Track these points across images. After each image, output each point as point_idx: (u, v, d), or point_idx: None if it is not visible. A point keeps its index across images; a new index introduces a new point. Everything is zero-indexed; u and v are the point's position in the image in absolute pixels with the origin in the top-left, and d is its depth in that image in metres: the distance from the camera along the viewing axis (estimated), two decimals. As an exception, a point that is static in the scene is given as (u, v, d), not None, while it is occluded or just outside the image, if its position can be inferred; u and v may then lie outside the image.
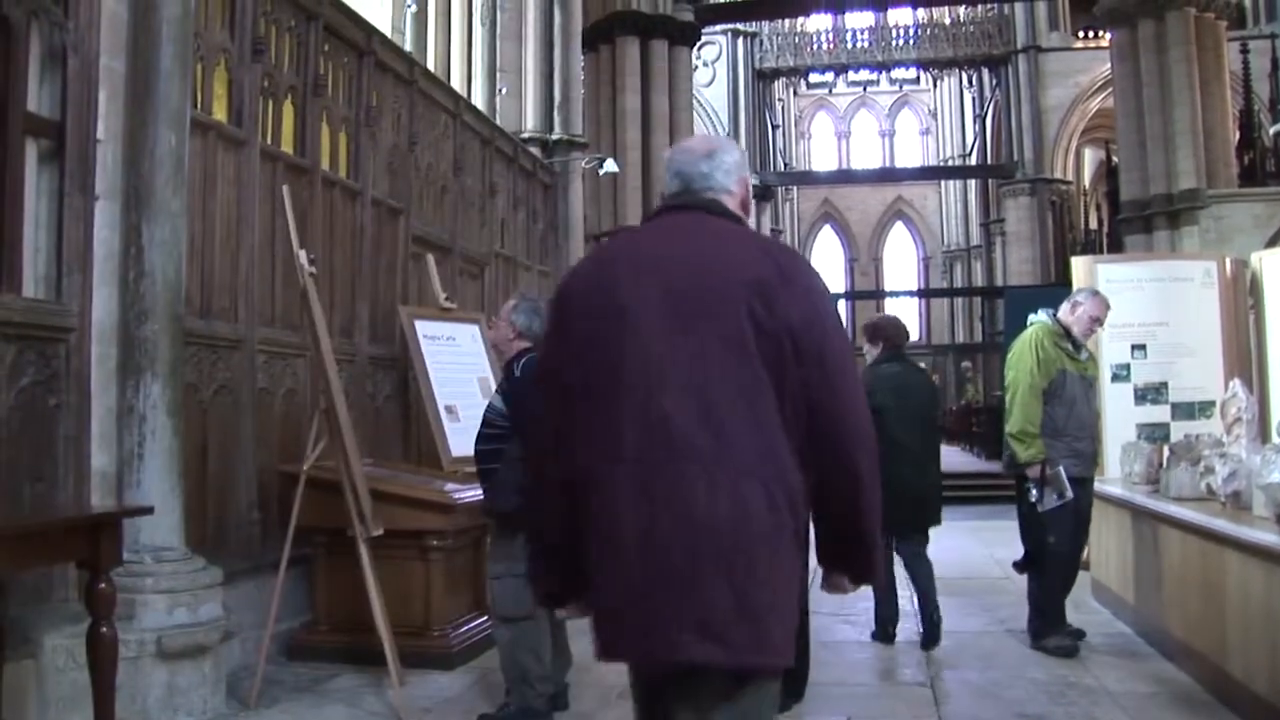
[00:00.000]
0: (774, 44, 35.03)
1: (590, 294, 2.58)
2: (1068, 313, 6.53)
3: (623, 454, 2.41)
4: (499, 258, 10.23)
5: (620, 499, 2.40)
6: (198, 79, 5.71)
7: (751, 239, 2.70)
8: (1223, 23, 19.51)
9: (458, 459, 6.89)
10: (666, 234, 2.64)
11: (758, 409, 2.41)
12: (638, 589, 2.37)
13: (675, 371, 2.42)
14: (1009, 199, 33.19)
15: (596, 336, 2.51)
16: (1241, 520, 5.25)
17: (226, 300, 5.98)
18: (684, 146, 2.83)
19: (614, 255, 2.76)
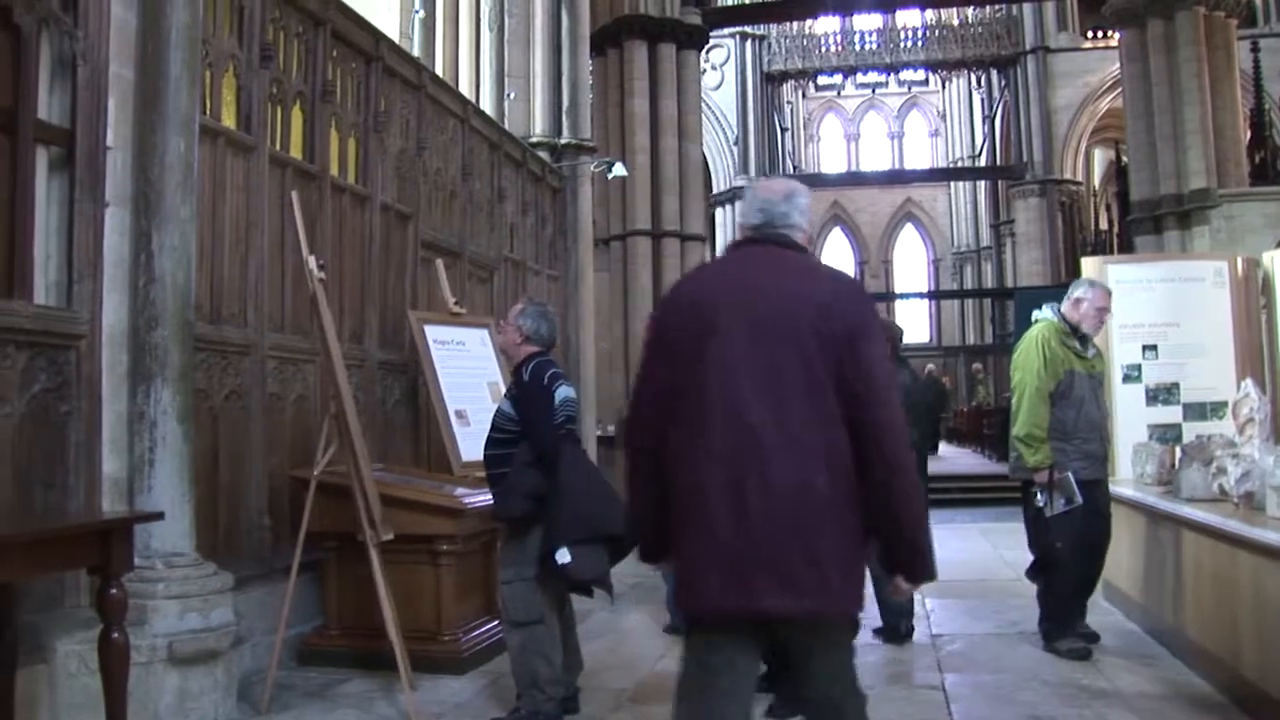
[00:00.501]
0: (782, 47, 35.04)
1: (685, 313, 3.24)
2: (1072, 310, 6.46)
3: (711, 442, 3.02)
4: (508, 262, 10.24)
5: (708, 478, 3.00)
6: (206, 85, 5.72)
7: (816, 269, 3.37)
8: (1233, 21, 19.48)
9: (468, 463, 6.89)
10: (749, 265, 3.29)
11: (818, 407, 3.00)
12: (725, 554, 2.95)
13: (754, 378, 3.04)
14: (1018, 200, 33.19)
15: (690, 349, 3.13)
16: (1255, 521, 5.23)
17: (236, 306, 5.99)
18: (766, 186, 3.48)
19: (706, 281, 3.46)
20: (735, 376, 3.06)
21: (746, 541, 2.93)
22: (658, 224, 18.61)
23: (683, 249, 18.88)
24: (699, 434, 3.05)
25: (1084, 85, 32.27)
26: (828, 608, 2.97)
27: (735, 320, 3.11)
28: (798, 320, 3.06)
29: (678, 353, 3.17)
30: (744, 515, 2.94)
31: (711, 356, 3.09)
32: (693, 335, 3.15)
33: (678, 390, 3.14)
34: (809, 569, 2.91)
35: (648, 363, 3.31)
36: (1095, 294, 6.47)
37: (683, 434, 3.10)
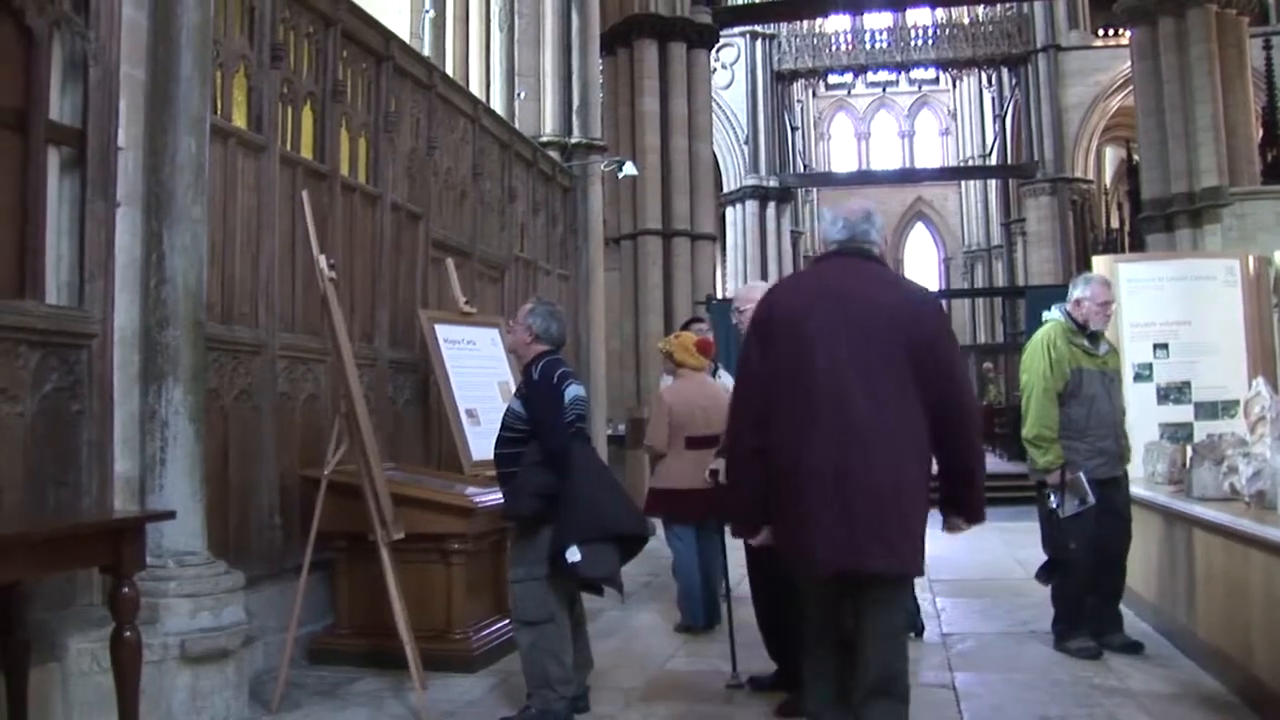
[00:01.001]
0: (792, 45, 35.02)
1: (787, 316, 3.88)
2: (1075, 309, 6.44)
3: (819, 429, 3.69)
4: (518, 261, 10.25)
5: (819, 459, 3.68)
6: (217, 86, 5.74)
7: (898, 279, 4.17)
8: (1244, 19, 19.42)
9: (478, 463, 6.90)
10: (842, 273, 3.98)
11: (907, 399, 3.75)
12: (834, 522, 3.66)
13: (855, 375, 3.71)
14: (1029, 199, 33.14)
15: (795, 347, 3.79)
16: (1266, 520, 5.22)
17: (247, 305, 6.01)
18: (848, 207, 4.09)
19: (806, 286, 4.17)
20: (840, 373, 3.72)
21: (856, 515, 3.66)
22: (668, 223, 18.59)
23: (693, 248, 18.87)
24: (809, 423, 3.72)
25: (1095, 83, 32.20)
26: (913, 569, 3.85)
27: (835, 323, 3.78)
28: (889, 325, 3.78)
29: (782, 351, 3.83)
30: (854, 494, 3.66)
31: (817, 355, 3.75)
32: (797, 336, 3.81)
33: (783, 384, 3.81)
34: (903, 539, 3.74)
35: (752, 359, 3.95)
36: (1093, 290, 6.44)
37: (791, 422, 3.76)
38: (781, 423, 3.78)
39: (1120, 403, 6.51)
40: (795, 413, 3.75)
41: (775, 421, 3.80)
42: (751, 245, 32.61)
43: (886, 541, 3.70)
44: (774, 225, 33.40)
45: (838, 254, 4.05)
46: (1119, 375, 6.64)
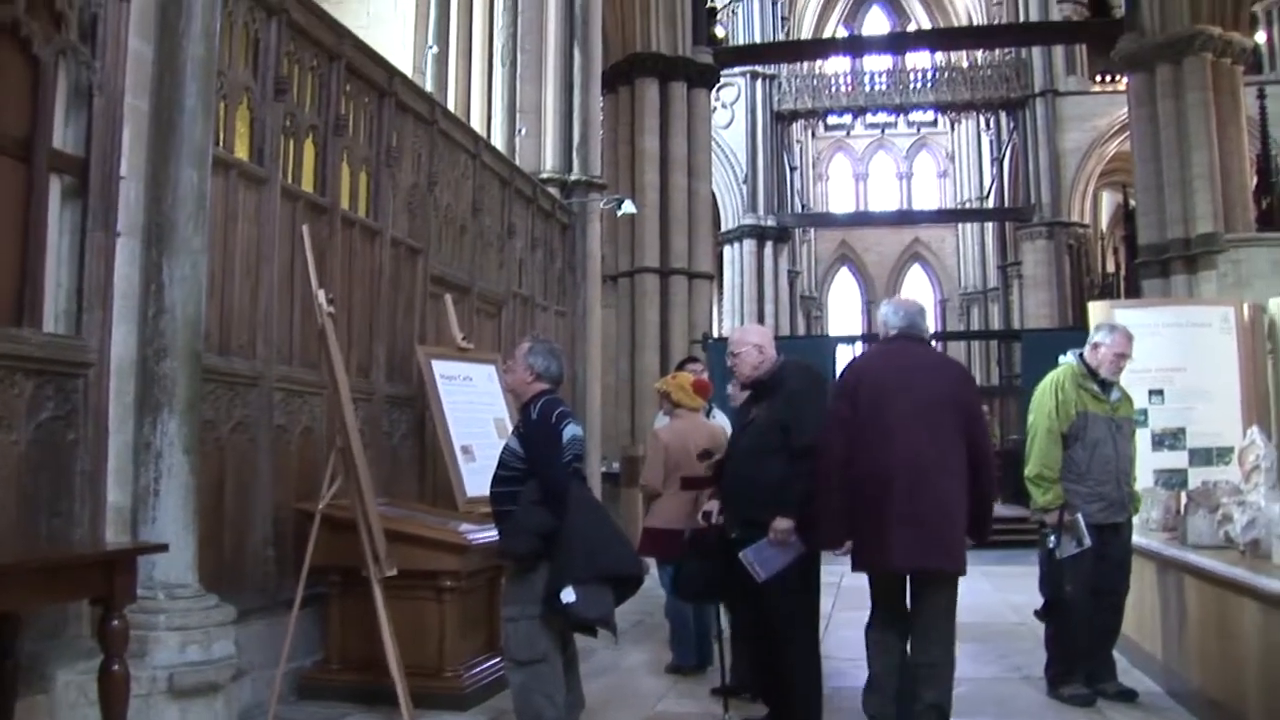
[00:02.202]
0: (792, 86, 35.16)
1: (872, 381, 5.37)
2: (1091, 354, 6.46)
3: (897, 467, 5.14)
4: (516, 297, 10.26)
5: (892, 487, 5.13)
6: (220, 117, 5.75)
7: (945, 359, 6.17)
8: (1239, 68, 19.51)
9: (473, 499, 6.90)
10: (907, 354, 5.51)
11: (958, 447, 5.25)
12: (910, 536, 5.10)
13: (923, 428, 5.20)
14: (1026, 242, 33.23)
15: (876, 404, 5.25)
16: (1260, 569, 5.22)
17: (245, 337, 6.01)
18: (905, 301, 5.85)
19: (882, 363, 5.58)
20: (913, 425, 5.19)
21: (925, 527, 5.12)
22: (666, 261, 18.65)
23: (690, 287, 18.92)
24: (883, 457, 5.16)
25: (1092, 128, 32.36)
26: (963, 568, 5.27)
27: (906, 387, 5.29)
28: (945, 390, 5.36)
29: (866, 406, 5.25)
30: (921, 510, 5.11)
31: (895, 411, 5.21)
32: (877, 397, 5.26)
33: (867, 430, 5.21)
34: (955, 545, 5.21)
35: (842, 411, 5.31)
36: (1115, 339, 6.45)
37: (875, 456, 5.18)
38: (865, 459, 5.19)
39: (1128, 450, 6.49)
40: (878, 451, 5.17)
41: (858, 459, 5.19)
42: (749, 284, 32.63)
43: (945, 546, 5.18)
44: (771, 265, 33.44)
45: (901, 338, 5.51)
46: (1130, 424, 6.62)
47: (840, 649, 7.25)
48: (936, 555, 5.16)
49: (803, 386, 5.70)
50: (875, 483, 5.15)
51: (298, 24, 6.49)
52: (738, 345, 5.89)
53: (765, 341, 5.92)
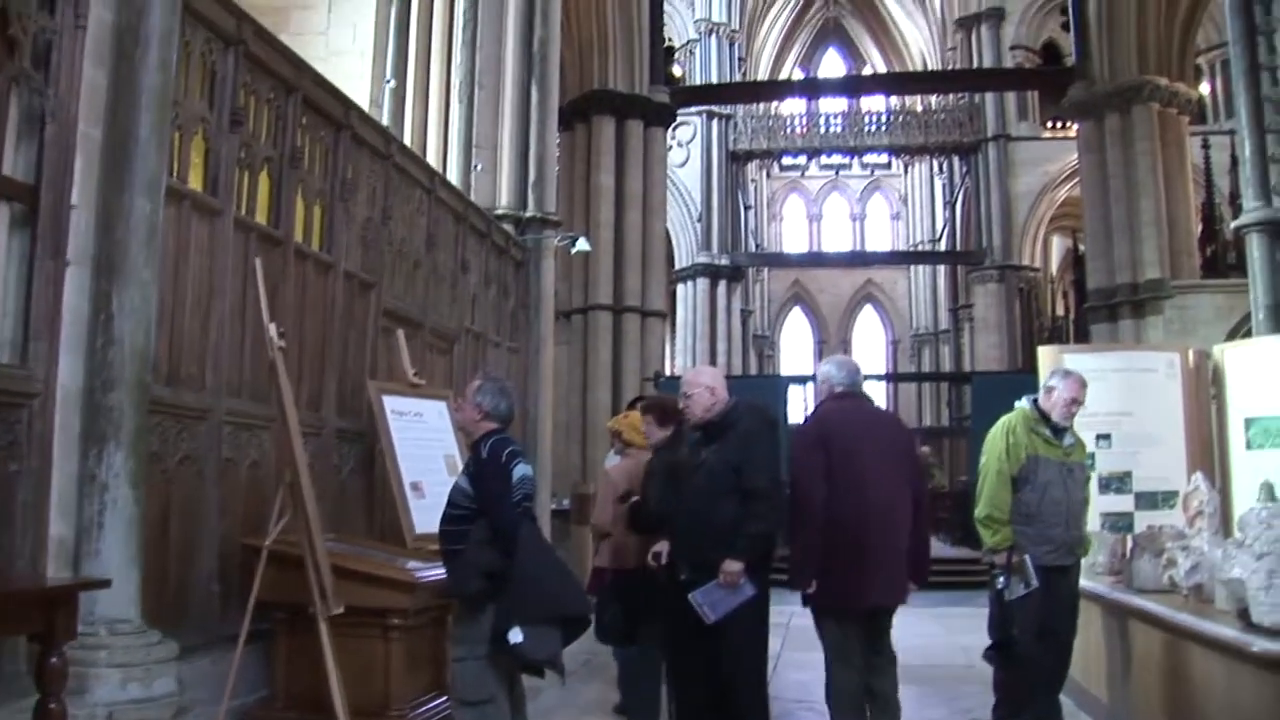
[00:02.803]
0: (748, 126, 35.36)
1: (839, 432, 5.84)
2: (1045, 398, 6.49)
3: (871, 513, 5.67)
4: (469, 333, 10.24)
5: (869, 532, 5.65)
6: (175, 147, 5.70)
7: (887, 412, 7.59)
8: (1185, 118, 19.91)
9: (421, 536, 6.84)
10: (861, 409, 6.13)
11: (906, 494, 5.84)
12: (875, 575, 5.65)
13: (884, 477, 5.78)
14: (977, 285, 33.52)
15: (845, 456, 5.71)
16: (1204, 614, 5.27)
17: (194, 369, 5.94)
18: (846, 360, 6.42)
19: (846, 415, 5.97)
20: (878, 474, 5.75)
21: (888, 567, 5.72)
22: (619, 299, 18.72)
23: (643, 325, 18.99)
24: (860, 504, 5.64)
25: (1043, 173, 32.74)
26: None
27: (870, 440, 5.87)
28: (897, 443, 6.09)
29: (839, 455, 5.70)
30: (889, 552, 5.71)
31: (863, 461, 5.73)
32: (849, 447, 5.75)
33: (837, 476, 5.65)
34: (905, 582, 5.86)
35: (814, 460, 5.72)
36: (1067, 385, 6.47)
37: (845, 502, 5.61)
38: (841, 505, 5.61)
39: (1079, 494, 6.48)
40: (854, 498, 5.64)
41: (833, 506, 5.61)
42: (702, 323, 32.70)
43: (902, 585, 5.84)
44: (724, 303, 33.54)
45: (849, 395, 6.05)
46: (1083, 469, 6.61)
47: (788, 690, 7.25)
48: (899, 592, 5.84)
49: (755, 428, 5.73)
50: (853, 527, 5.62)
51: (255, 56, 6.47)
52: (690, 386, 5.91)
53: (717, 383, 5.95)
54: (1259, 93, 11.24)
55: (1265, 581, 4.73)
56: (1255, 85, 11.29)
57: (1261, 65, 11.25)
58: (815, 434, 5.92)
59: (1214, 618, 5.14)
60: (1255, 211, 11.17)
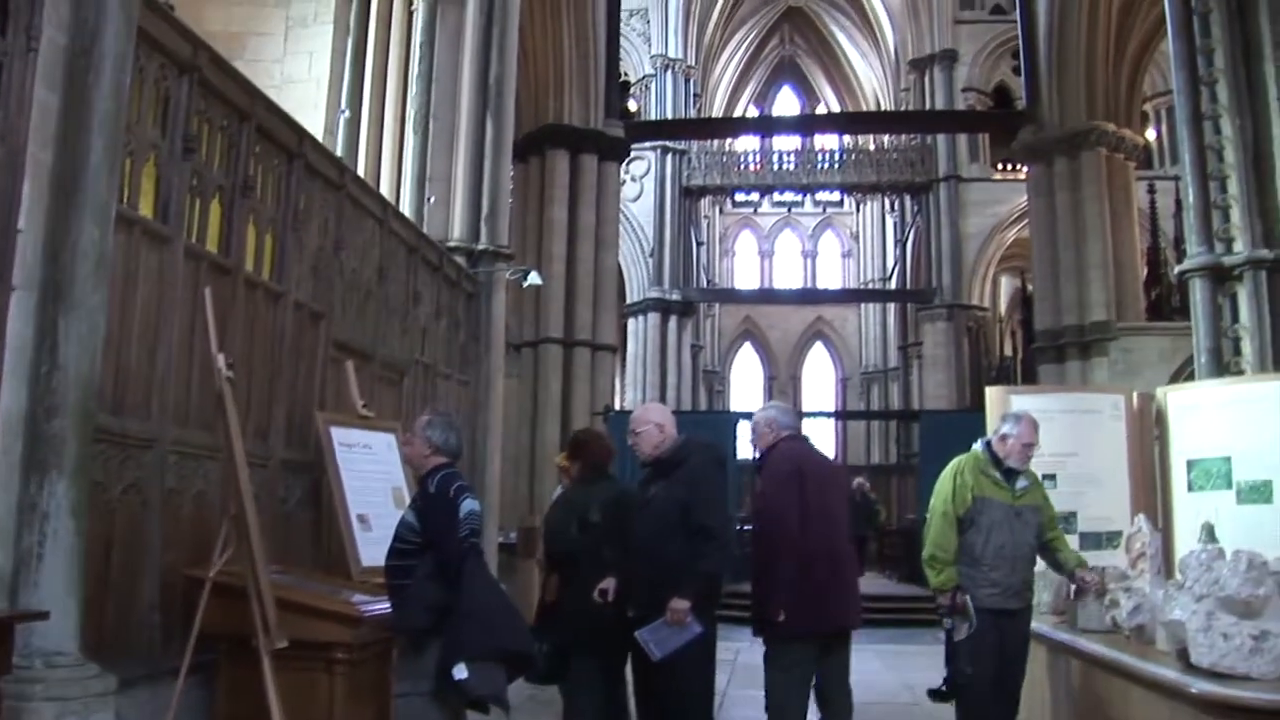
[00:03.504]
0: (702, 162, 35.52)
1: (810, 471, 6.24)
2: (999, 445, 6.50)
3: (839, 544, 6.25)
4: (419, 365, 10.20)
5: (836, 564, 6.16)
6: (126, 173, 5.65)
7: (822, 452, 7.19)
8: (1131, 163, 20.25)
9: (367, 569, 6.78)
10: (814, 450, 6.66)
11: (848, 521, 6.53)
12: (835, 601, 6.12)
13: (842, 511, 6.44)
14: (927, 323, 33.76)
15: (818, 490, 6.15)
16: (1146, 655, 5.34)
17: (140, 397, 5.87)
18: (787, 407, 7.08)
19: (809, 454, 6.50)
20: (839, 506, 6.40)
21: (851, 589, 6.40)
22: (570, 332, 18.75)
23: (594, 358, 19.03)
24: (831, 534, 6.18)
25: (993, 214, 33.03)
26: None
27: (828, 477, 6.44)
28: (841, 483, 6.89)
29: (813, 492, 6.10)
30: (850, 579, 6.45)
31: (829, 496, 6.26)
32: (819, 484, 6.20)
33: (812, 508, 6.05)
34: (859, 605, 6.43)
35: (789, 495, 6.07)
36: (1021, 430, 6.47)
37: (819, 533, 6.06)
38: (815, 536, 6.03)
39: (1027, 538, 6.45)
40: (828, 529, 6.14)
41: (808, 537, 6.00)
42: (652, 357, 32.73)
43: (857, 609, 6.38)
44: (675, 338, 33.59)
45: (797, 437, 6.47)
46: (1034, 512, 6.53)
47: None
48: (857, 615, 6.38)
49: (704, 467, 5.76)
50: (826, 556, 6.09)
51: (210, 83, 6.43)
52: (639, 424, 5.93)
53: (666, 420, 5.98)
54: (1202, 141, 11.48)
55: (1204, 623, 4.80)
56: (1199, 134, 11.52)
57: (1204, 115, 11.49)
58: (790, 470, 6.19)
59: (1155, 659, 5.20)
60: (1198, 257, 11.38)
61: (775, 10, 43.89)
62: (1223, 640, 4.73)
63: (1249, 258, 10.89)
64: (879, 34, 39.56)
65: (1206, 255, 11.28)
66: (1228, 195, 11.20)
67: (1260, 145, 11.02)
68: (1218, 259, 11.18)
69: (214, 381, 5.72)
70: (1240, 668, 4.66)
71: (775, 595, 5.98)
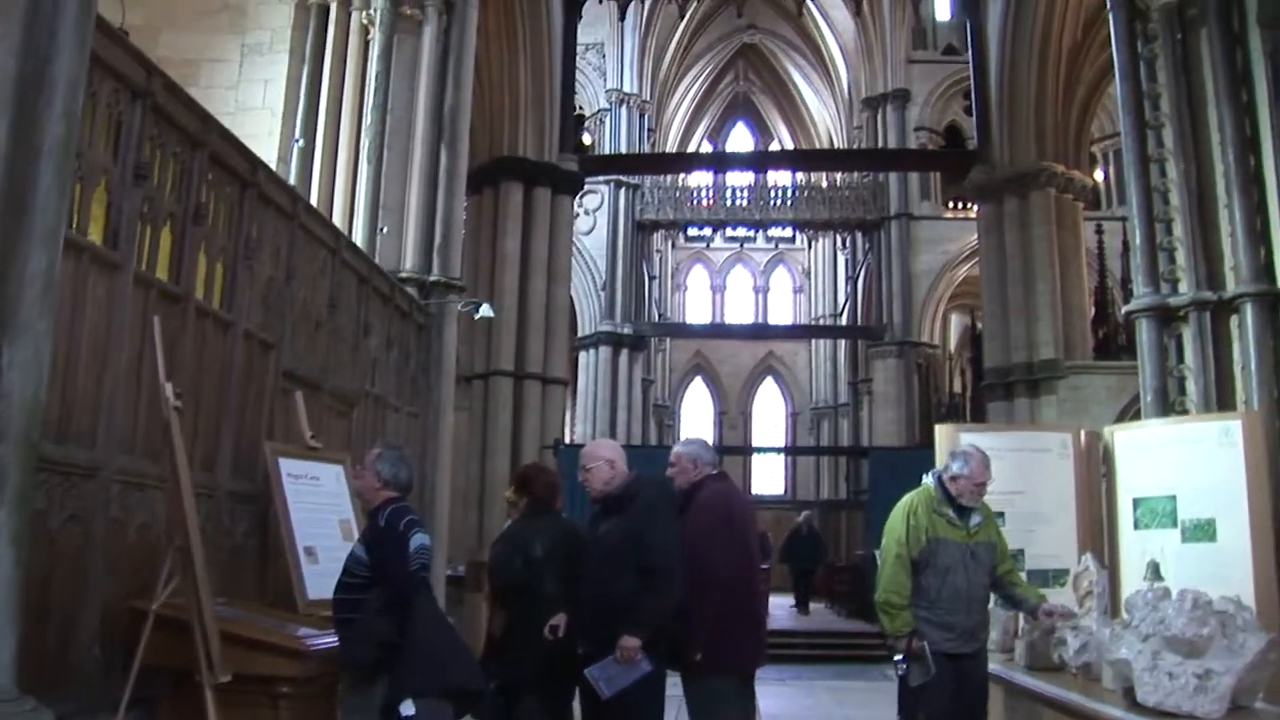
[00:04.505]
0: (655, 196, 35.58)
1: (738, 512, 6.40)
2: (950, 484, 6.36)
3: (756, 580, 6.37)
4: (369, 396, 10.14)
5: (754, 603, 6.39)
6: (76, 199, 5.59)
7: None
8: (1080, 204, 20.54)
9: (314, 602, 6.72)
10: (735, 489, 6.82)
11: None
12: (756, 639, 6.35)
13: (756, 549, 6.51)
14: (877, 360, 33.92)
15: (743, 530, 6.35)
16: (1092, 693, 5.37)
17: (86, 425, 5.78)
18: (708, 444, 6.71)
19: (736, 494, 6.73)
20: (754, 544, 6.50)
21: (763, 630, 6.66)
22: (521, 365, 18.72)
23: (544, 392, 19.00)
24: (752, 573, 6.32)
25: (944, 252, 33.27)
26: None
27: (748, 518, 6.58)
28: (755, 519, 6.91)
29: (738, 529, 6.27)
30: (761, 616, 6.72)
31: (749, 533, 6.43)
32: (743, 524, 6.39)
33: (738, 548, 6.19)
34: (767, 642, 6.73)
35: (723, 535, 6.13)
36: (973, 469, 6.33)
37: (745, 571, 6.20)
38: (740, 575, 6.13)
39: (982, 578, 6.35)
40: (750, 568, 6.28)
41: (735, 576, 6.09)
42: (603, 391, 32.69)
43: (767, 645, 6.65)
44: (626, 372, 33.57)
45: (722, 476, 6.51)
46: (989, 550, 6.42)
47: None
48: (766, 651, 6.65)
49: (655, 504, 5.75)
50: (750, 594, 6.26)
51: (163, 109, 6.38)
52: (589, 460, 5.93)
53: (617, 457, 5.98)
54: (1149, 184, 11.67)
55: (1150, 663, 4.83)
56: (1145, 176, 11.71)
57: (1151, 158, 11.69)
58: (724, 512, 6.21)
59: (1101, 697, 5.23)
60: (1145, 298, 11.53)
61: (731, 47, 44.17)
62: (1168, 679, 4.77)
63: (1194, 299, 11.06)
64: (833, 72, 39.89)
65: (1153, 296, 11.44)
66: (1173, 237, 11.39)
67: (1204, 189, 11.22)
68: (1164, 300, 11.34)
69: (161, 410, 5.65)
70: (1185, 707, 4.69)
71: (700, 632, 5.87)
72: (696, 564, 5.90)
